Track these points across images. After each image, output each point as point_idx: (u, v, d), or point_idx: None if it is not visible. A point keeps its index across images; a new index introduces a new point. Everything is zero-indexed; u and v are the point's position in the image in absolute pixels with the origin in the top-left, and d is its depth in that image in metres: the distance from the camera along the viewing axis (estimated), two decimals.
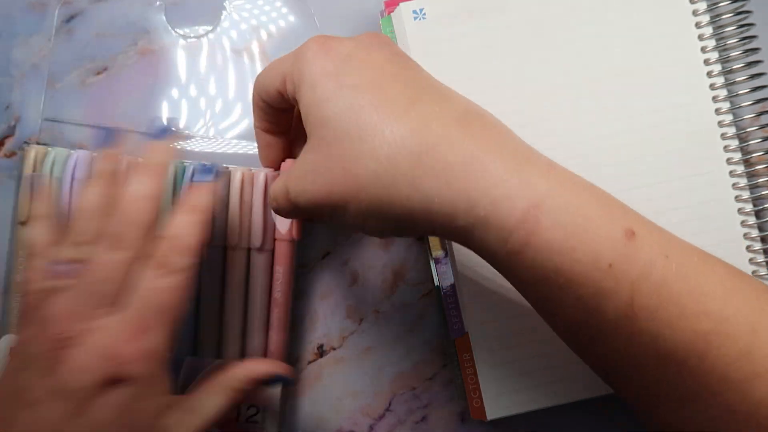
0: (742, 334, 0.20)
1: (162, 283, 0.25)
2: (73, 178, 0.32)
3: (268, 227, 0.33)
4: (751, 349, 0.20)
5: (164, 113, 0.35)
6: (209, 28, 0.35)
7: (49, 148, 0.33)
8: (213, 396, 0.27)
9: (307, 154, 0.24)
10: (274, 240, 0.33)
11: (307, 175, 0.23)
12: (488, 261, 0.23)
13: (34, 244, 0.27)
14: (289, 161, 0.31)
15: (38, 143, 0.34)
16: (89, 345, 0.24)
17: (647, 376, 0.22)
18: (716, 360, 0.20)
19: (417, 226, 0.22)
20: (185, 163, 0.32)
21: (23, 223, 0.32)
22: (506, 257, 0.22)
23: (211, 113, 0.35)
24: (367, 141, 0.22)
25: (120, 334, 0.24)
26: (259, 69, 0.35)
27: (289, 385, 0.29)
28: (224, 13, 0.35)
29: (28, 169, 0.32)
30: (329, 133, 0.23)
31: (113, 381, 0.23)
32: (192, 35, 0.35)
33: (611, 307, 0.21)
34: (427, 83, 0.24)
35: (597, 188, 0.22)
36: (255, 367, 0.28)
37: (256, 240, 0.32)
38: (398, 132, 0.21)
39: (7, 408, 0.24)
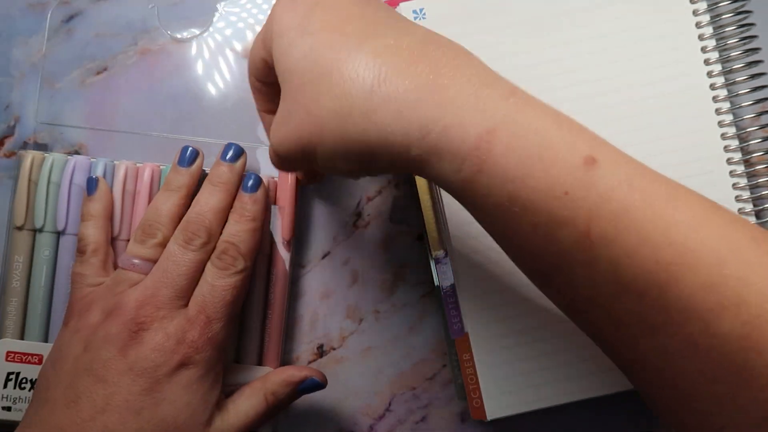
0: (708, 266, 0.19)
1: (224, 282, 0.29)
2: (71, 183, 0.32)
3: (266, 230, 0.33)
4: (717, 280, 0.19)
5: (164, 114, 0.35)
6: (197, 31, 0.35)
7: (47, 154, 0.33)
8: (251, 399, 0.29)
9: (280, 105, 0.24)
10: (271, 242, 0.33)
11: (280, 124, 0.24)
12: (446, 190, 0.22)
13: (88, 242, 0.31)
14: None
15: (37, 143, 0.34)
16: (166, 330, 0.27)
17: (609, 309, 0.21)
18: (679, 291, 0.19)
19: (378, 160, 0.22)
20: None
21: (19, 228, 0.32)
22: (461, 185, 0.21)
23: (211, 113, 0.35)
24: (324, 80, 0.22)
25: (191, 322, 0.28)
26: None
27: (321, 389, 0.31)
28: (216, 14, 0.35)
29: (24, 174, 0.32)
30: (294, 79, 0.23)
31: (184, 363, 0.27)
32: (184, 36, 0.35)
33: (567, 235, 0.20)
34: (390, 19, 0.23)
35: (563, 115, 0.21)
36: (291, 372, 0.30)
37: None
38: (352, 67, 0.21)
39: (80, 384, 0.26)
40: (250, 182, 0.30)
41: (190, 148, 0.31)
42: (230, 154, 0.31)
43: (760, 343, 0.19)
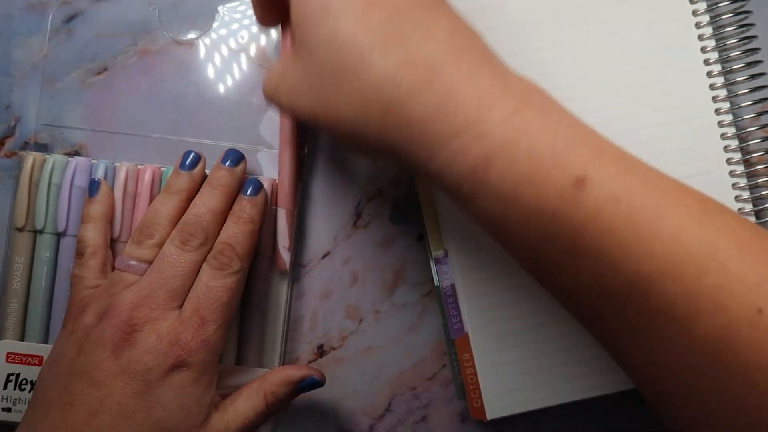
0: (690, 275, 0.20)
1: (219, 283, 0.28)
2: (72, 185, 0.32)
3: (266, 231, 0.33)
4: (697, 289, 0.20)
5: (164, 115, 0.35)
6: (198, 32, 0.35)
7: (47, 156, 0.33)
8: (250, 399, 0.29)
9: (297, 68, 0.24)
10: (274, 245, 0.33)
11: (297, 92, 0.24)
12: (451, 200, 0.24)
13: (87, 244, 0.31)
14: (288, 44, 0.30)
15: (37, 143, 0.34)
16: (159, 331, 0.27)
17: (593, 308, 0.22)
18: (660, 299, 0.20)
19: (389, 161, 0.23)
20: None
21: (20, 229, 0.32)
22: (462, 200, 0.23)
23: (212, 114, 0.35)
24: (344, 82, 0.22)
25: (185, 323, 0.27)
26: (258, 70, 0.35)
27: (320, 386, 0.31)
28: (217, 16, 0.35)
29: (25, 176, 0.32)
30: (314, 59, 0.23)
31: (177, 365, 0.27)
32: (185, 38, 0.35)
33: (555, 250, 0.21)
34: (416, 8, 0.23)
35: (567, 123, 0.22)
36: (289, 371, 0.30)
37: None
38: (372, 79, 0.22)
39: (74, 387, 0.26)
40: (251, 187, 0.30)
41: (192, 153, 0.31)
42: (230, 160, 0.31)
43: (736, 344, 0.20)
